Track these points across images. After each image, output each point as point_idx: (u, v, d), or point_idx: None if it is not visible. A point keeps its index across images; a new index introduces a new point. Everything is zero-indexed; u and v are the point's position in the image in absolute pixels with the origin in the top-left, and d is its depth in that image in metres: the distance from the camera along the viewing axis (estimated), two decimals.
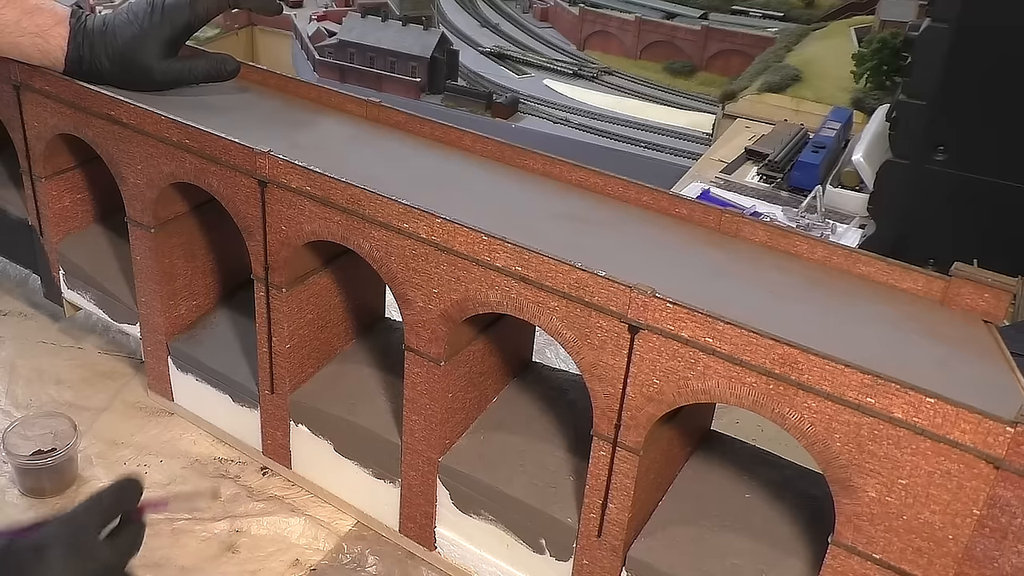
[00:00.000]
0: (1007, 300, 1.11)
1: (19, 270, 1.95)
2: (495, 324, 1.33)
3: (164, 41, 1.47)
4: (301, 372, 1.46)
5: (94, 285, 1.71)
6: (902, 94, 3.26)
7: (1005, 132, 2.92)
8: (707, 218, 1.28)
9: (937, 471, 0.92)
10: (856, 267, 1.19)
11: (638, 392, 1.07)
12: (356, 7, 12.83)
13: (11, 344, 1.82)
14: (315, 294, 1.42)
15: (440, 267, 1.17)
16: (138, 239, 1.52)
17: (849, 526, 1.00)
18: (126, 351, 1.82)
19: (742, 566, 1.18)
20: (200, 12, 1.48)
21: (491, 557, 1.34)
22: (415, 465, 1.35)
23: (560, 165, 1.38)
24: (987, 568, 0.93)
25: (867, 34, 6.38)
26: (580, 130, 10.49)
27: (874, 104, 4.65)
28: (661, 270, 1.17)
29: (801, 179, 3.74)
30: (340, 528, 1.46)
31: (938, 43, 2.92)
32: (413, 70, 11.27)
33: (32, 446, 1.50)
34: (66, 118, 1.52)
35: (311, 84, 1.60)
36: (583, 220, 1.28)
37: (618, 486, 1.14)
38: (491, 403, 1.42)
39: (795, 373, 0.96)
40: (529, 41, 13.20)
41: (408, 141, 1.48)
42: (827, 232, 3.34)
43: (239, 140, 1.29)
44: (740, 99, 5.91)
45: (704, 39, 12.04)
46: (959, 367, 1.02)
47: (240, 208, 1.35)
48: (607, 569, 1.21)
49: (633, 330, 1.04)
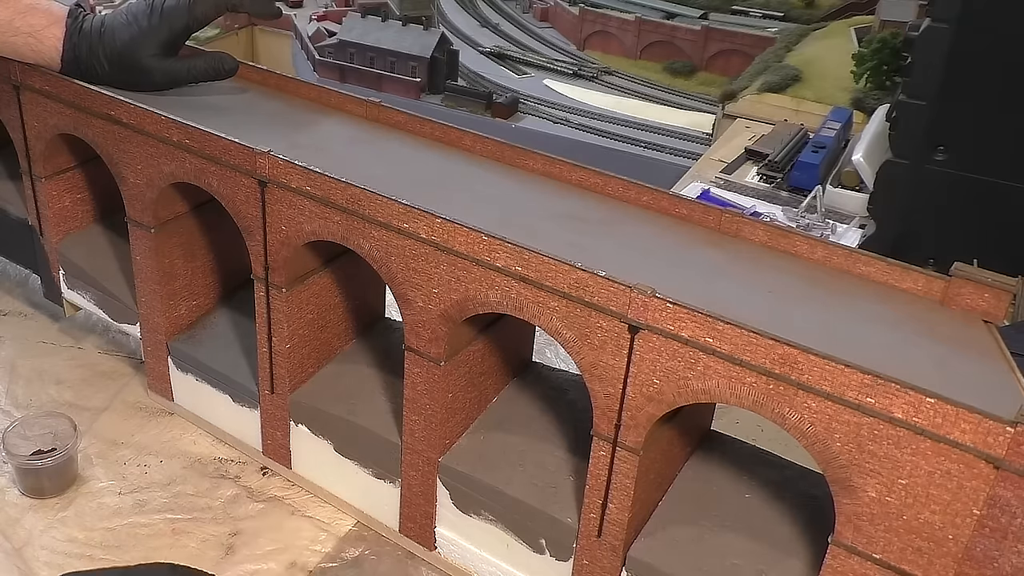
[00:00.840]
0: (1007, 300, 1.11)
1: (19, 270, 1.95)
2: (495, 324, 1.33)
3: (162, 43, 1.47)
4: (301, 372, 1.46)
5: (94, 285, 1.71)
6: (902, 94, 3.26)
7: (1005, 132, 2.92)
8: (707, 218, 1.28)
9: (937, 471, 0.92)
10: (856, 267, 1.19)
11: (638, 392, 1.07)
12: (356, 7, 12.83)
13: (11, 344, 1.82)
14: (315, 294, 1.42)
15: (440, 267, 1.17)
16: (138, 239, 1.52)
17: (849, 526, 1.00)
18: (126, 351, 1.82)
19: (742, 566, 1.18)
20: (199, 15, 1.48)
21: (491, 557, 1.34)
22: (415, 465, 1.35)
23: (560, 165, 1.38)
24: (987, 568, 0.93)
25: (867, 34, 6.38)
26: (580, 130, 10.48)
27: (874, 104, 4.65)
28: (661, 270, 1.17)
29: (801, 179, 3.74)
30: (340, 528, 1.46)
31: (938, 43, 2.91)
32: (413, 70, 11.27)
33: (32, 446, 1.50)
34: (66, 118, 1.52)
35: (311, 84, 1.60)
36: (583, 220, 1.28)
37: (618, 486, 1.14)
38: (491, 403, 1.42)
39: (795, 373, 0.96)
40: (529, 41, 13.20)
41: (408, 141, 1.48)
42: (827, 232, 3.34)
43: (239, 140, 1.29)
44: (740, 99, 5.91)
45: (704, 39, 12.03)
46: (959, 367, 1.02)
47: (240, 208, 1.35)
48: (607, 569, 1.21)
49: (633, 330, 1.04)
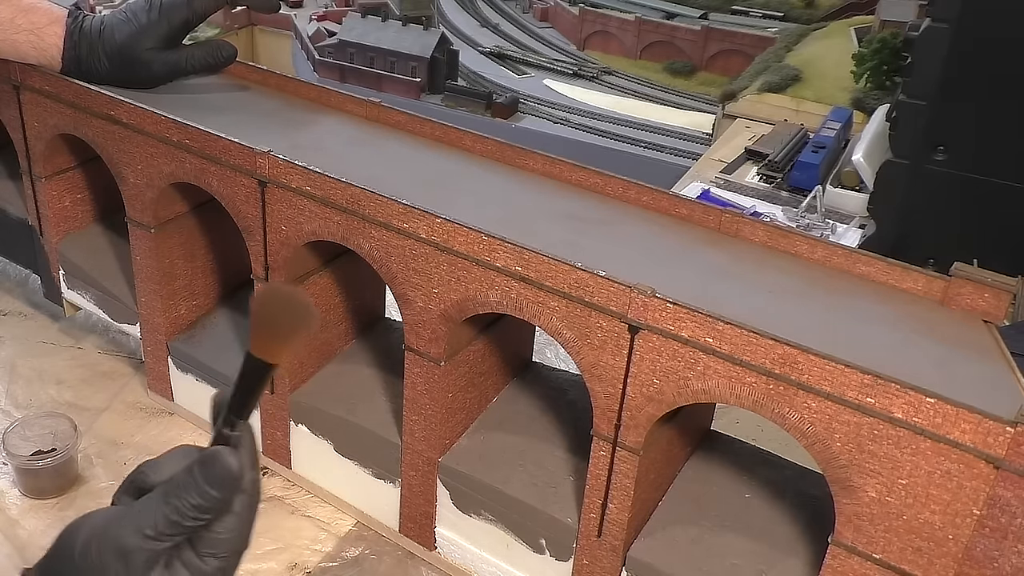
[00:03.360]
0: (1007, 300, 1.11)
1: (19, 270, 1.95)
2: (495, 324, 1.33)
3: (162, 37, 1.47)
4: (301, 372, 1.46)
5: (94, 285, 1.71)
6: (902, 94, 3.26)
7: (1005, 132, 2.92)
8: (707, 218, 1.28)
9: (937, 471, 0.92)
10: (856, 267, 1.19)
11: (638, 392, 1.07)
12: (356, 7, 12.82)
13: (11, 344, 1.82)
14: (315, 294, 1.42)
15: (440, 267, 1.17)
16: (138, 239, 1.52)
17: (849, 526, 1.00)
18: (126, 351, 1.82)
19: (742, 566, 1.18)
20: (198, 9, 1.48)
21: (491, 557, 1.34)
22: (415, 465, 1.35)
23: (560, 165, 1.38)
24: (987, 568, 0.93)
25: (867, 34, 6.37)
26: (580, 130, 10.47)
27: (874, 104, 4.64)
28: (661, 270, 1.17)
29: (801, 179, 3.74)
30: (340, 528, 1.46)
31: (938, 43, 2.91)
32: (413, 70, 11.26)
33: (32, 446, 1.50)
34: (66, 118, 1.52)
35: (311, 84, 1.60)
36: (583, 220, 1.28)
37: (618, 486, 1.14)
38: (491, 403, 1.42)
39: (795, 373, 0.96)
40: (529, 41, 13.19)
41: (408, 141, 1.48)
42: (827, 232, 3.34)
43: (239, 140, 1.29)
44: (740, 99, 5.90)
45: (704, 39, 12.02)
46: (959, 367, 1.02)
47: (240, 208, 1.35)
48: (607, 569, 1.21)
49: (633, 330, 1.04)
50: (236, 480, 0.67)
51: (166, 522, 0.65)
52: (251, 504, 0.70)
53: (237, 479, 0.67)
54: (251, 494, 0.70)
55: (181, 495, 0.65)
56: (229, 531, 0.68)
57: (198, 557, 0.67)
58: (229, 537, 0.68)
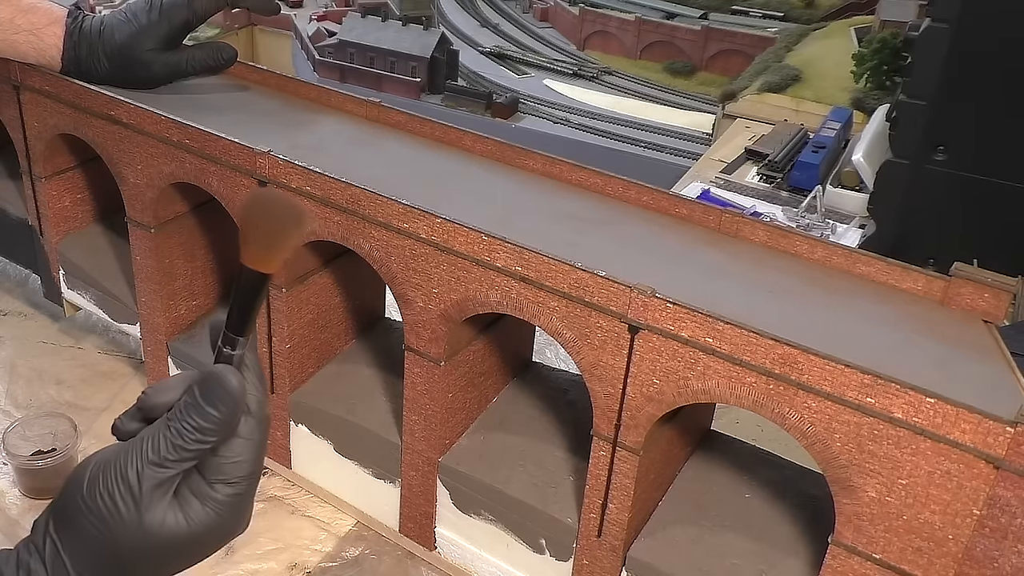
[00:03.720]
0: (1007, 300, 1.11)
1: (19, 270, 1.95)
2: (495, 324, 1.33)
3: (162, 37, 1.47)
4: (301, 372, 1.46)
5: (94, 285, 1.71)
6: (902, 94, 3.26)
7: (1005, 132, 2.92)
8: (707, 218, 1.28)
9: (937, 471, 0.92)
10: (856, 267, 1.19)
11: (638, 392, 1.07)
12: (356, 7, 12.83)
13: (11, 344, 1.82)
14: (315, 294, 1.42)
15: (440, 267, 1.17)
16: (138, 239, 1.52)
17: (849, 526, 1.00)
18: (126, 351, 1.82)
19: (742, 566, 1.18)
20: (198, 10, 1.48)
21: (491, 557, 1.34)
22: (415, 465, 1.35)
23: (560, 165, 1.38)
24: (987, 568, 0.93)
25: (867, 34, 6.38)
26: (580, 130, 10.49)
27: (874, 104, 4.65)
28: (661, 270, 1.17)
29: (801, 179, 3.74)
30: (340, 528, 1.46)
31: (938, 43, 2.92)
32: (413, 70, 11.27)
33: (32, 446, 1.50)
34: (66, 118, 1.52)
35: (311, 84, 1.60)
36: (583, 220, 1.28)
37: (618, 486, 1.14)
38: (491, 403, 1.42)
39: (795, 373, 0.96)
40: (529, 41, 13.20)
41: (408, 141, 1.48)
42: (827, 232, 3.34)
43: (239, 140, 1.29)
44: (740, 99, 5.91)
45: (704, 39, 12.03)
46: (959, 367, 1.02)
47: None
48: (607, 569, 1.21)
49: (633, 330, 1.04)
50: (237, 398, 0.65)
51: (168, 446, 0.64)
52: (260, 427, 0.68)
53: (238, 397, 0.65)
54: (259, 417, 0.68)
55: (182, 417, 0.64)
56: (237, 456, 0.66)
57: (208, 484, 0.66)
58: (238, 462, 0.66)
